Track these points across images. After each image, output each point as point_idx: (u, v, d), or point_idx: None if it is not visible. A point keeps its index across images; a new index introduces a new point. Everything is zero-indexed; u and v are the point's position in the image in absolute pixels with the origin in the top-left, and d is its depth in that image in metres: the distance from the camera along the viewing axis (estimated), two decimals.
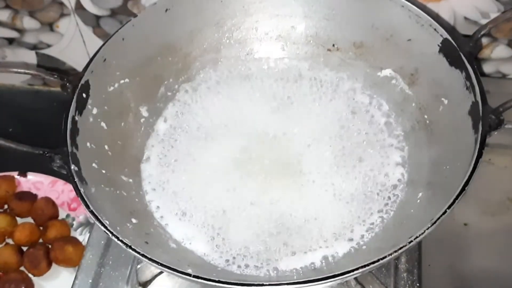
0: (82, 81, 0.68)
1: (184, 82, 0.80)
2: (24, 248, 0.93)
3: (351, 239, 0.67)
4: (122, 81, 0.74)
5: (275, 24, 0.81)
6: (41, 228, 0.95)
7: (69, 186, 0.97)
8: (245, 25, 0.81)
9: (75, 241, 0.91)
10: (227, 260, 0.67)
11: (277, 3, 0.79)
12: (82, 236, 0.94)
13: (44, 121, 0.96)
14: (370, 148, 0.74)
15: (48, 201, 0.96)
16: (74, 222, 0.96)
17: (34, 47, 1.01)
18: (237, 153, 0.75)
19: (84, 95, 0.68)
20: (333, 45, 0.80)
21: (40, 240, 0.94)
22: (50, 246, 0.91)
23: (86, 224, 0.96)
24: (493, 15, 0.78)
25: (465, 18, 0.81)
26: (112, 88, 0.73)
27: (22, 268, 0.91)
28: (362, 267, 0.54)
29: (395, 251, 0.55)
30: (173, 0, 0.76)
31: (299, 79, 0.82)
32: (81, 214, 0.96)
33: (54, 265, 0.91)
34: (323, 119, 0.78)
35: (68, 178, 0.62)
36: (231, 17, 0.80)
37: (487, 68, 0.88)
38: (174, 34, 0.78)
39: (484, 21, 0.79)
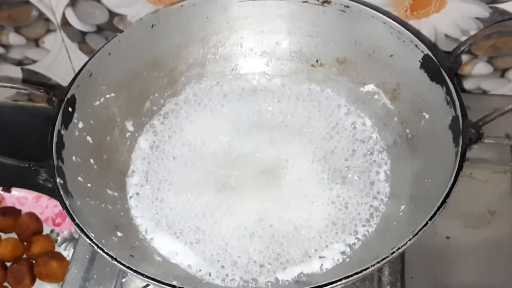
0: (68, 95, 0.69)
1: (170, 97, 0.81)
2: (8, 264, 0.92)
3: (334, 252, 0.68)
4: (108, 96, 0.74)
5: (260, 40, 0.82)
6: (25, 243, 0.94)
7: (54, 202, 0.96)
8: (230, 41, 0.82)
9: (59, 257, 0.91)
10: (210, 274, 0.67)
11: (261, 20, 0.80)
12: (67, 252, 0.94)
13: (29, 137, 0.96)
14: (353, 162, 0.75)
15: (32, 216, 0.95)
16: (59, 238, 0.96)
17: (19, 63, 1.01)
18: (221, 169, 0.76)
19: (70, 109, 0.69)
20: (317, 61, 0.81)
21: (24, 256, 0.93)
22: (34, 262, 0.91)
23: (71, 239, 0.95)
24: (473, 33, 0.80)
25: (446, 36, 0.83)
26: (98, 102, 0.74)
27: (5, 284, 0.91)
28: (345, 277, 0.54)
29: (378, 262, 0.55)
30: (159, 16, 0.77)
31: (283, 94, 0.82)
32: (66, 229, 0.96)
33: (38, 281, 0.90)
34: (306, 134, 0.78)
35: (53, 191, 0.62)
36: (217, 33, 0.81)
37: (468, 84, 0.89)
38: (160, 49, 0.79)
39: (464, 39, 0.80)
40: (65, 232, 0.96)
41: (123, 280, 0.72)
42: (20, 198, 0.98)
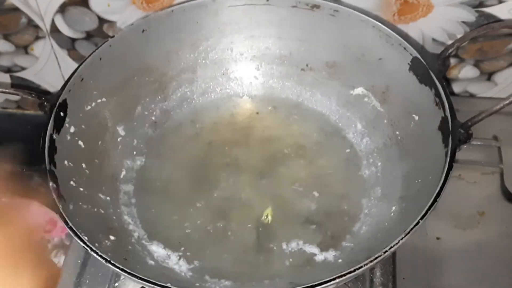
0: (60, 100, 0.69)
1: (161, 101, 0.81)
2: None
3: (327, 253, 0.68)
4: (99, 100, 0.75)
5: (250, 45, 0.83)
6: None
7: (44, 208, 0.96)
8: (221, 46, 0.82)
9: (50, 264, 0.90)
10: (205, 279, 0.68)
11: (251, 25, 0.81)
12: (57, 259, 0.93)
13: (19, 144, 0.96)
14: (344, 165, 0.76)
15: None
16: (49, 245, 0.95)
17: (8, 70, 1.00)
18: (214, 175, 0.77)
19: (61, 113, 0.69)
20: (307, 65, 0.82)
21: None
22: None
23: (61, 246, 0.95)
24: (460, 36, 0.81)
25: (433, 40, 0.83)
26: (89, 107, 0.74)
27: None
28: (338, 277, 0.55)
29: (371, 261, 0.56)
30: (150, 21, 0.77)
31: (273, 99, 0.83)
32: (56, 236, 0.95)
33: None
34: (297, 137, 0.79)
35: (44, 197, 0.62)
36: (207, 38, 0.81)
37: (455, 88, 0.90)
38: (151, 54, 0.79)
39: (451, 42, 0.81)
40: (55, 239, 0.95)
41: (116, 284, 0.72)
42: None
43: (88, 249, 0.58)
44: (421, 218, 0.58)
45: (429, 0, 0.78)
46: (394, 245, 0.56)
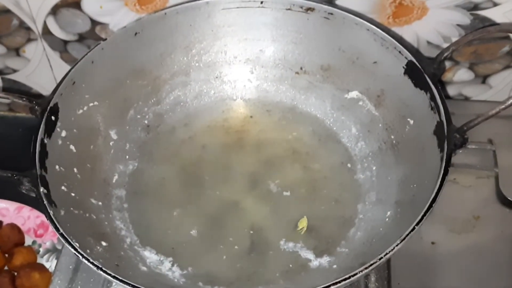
0: (51, 104, 0.68)
1: (154, 105, 0.81)
2: None
3: (321, 259, 0.68)
4: (91, 104, 0.74)
5: (244, 47, 0.82)
6: (7, 255, 0.93)
7: (35, 212, 0.95)
8: (214, 49, 0.82)
9: (41, 268, 0.89)
10: (198, 285, 0.67)
11: (245, 27, 0.80)
12: (49, 263, 0.92)
13: (9, 147, 0.95)
14: (338, 169, 0.76)
15: (14, 227, 0.94)
16: (41, 249, 0.94)
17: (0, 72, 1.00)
18: (208, 179, 0.76)
19: (53, 118, 0.68)
20: (301, 68, 0.81)
21: (6, 268, 0.92)
22: (16, 274, 0.90)
23: (53, 250, 0.94)
24: (455, 39, 0.81)
25: (428, 42, 0.83)
26: (81, 111, 0.73)
27: None
28: (333, 284, 0.54)
29: (366, 268, 0.55)
30: (143, 23, 0.77)
31: (267, 102, 0.83)
32: (48, 240, 0.95)
33: None
34: (292, 141, 0.79)
35: (35, 202, 0.61)
36: (200, 40, 0.81)
37: (451, 91, 0.90)
38: (144, 57, 0.78)
39: (446, 45, 0.81)
40: (47, 243, 0.95)
41: None
42: (1, 209, 0.97)
43: (79, 256, 0.57)
44: (417, 224, 0.57)
45: (423, 2, 0.78)
46: (389, 252, 0.56)
